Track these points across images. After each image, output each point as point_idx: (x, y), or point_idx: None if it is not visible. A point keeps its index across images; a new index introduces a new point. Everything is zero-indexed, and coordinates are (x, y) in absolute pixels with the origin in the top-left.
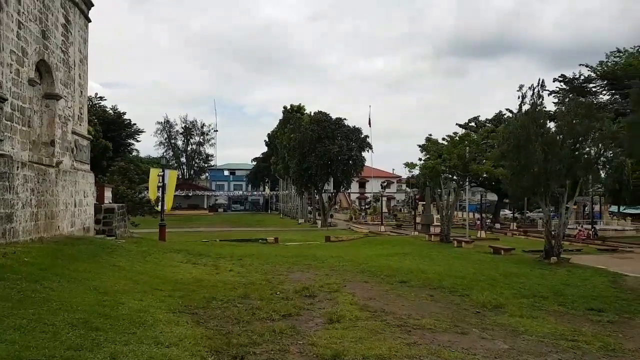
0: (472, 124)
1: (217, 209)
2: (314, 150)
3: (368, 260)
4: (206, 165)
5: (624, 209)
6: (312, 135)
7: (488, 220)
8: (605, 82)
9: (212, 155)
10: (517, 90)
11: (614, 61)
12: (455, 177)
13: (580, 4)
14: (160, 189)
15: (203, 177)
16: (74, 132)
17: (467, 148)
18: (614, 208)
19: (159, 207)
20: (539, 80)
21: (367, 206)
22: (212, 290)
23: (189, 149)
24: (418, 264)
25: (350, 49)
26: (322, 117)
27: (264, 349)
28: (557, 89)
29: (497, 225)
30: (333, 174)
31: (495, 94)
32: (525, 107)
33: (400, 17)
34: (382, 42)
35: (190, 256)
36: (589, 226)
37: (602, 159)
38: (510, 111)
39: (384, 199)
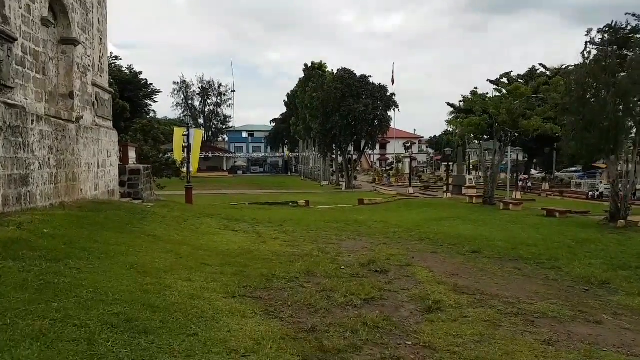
0: (504, 79)
1: (236, 171)
2: (338, 110)
3: (419, 226)
4: (224, 127)
5: None
6: (336, 93)
7: (528, 182)
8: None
9: (230, 117)
10: (585, 35)
11: None
12: (502, 134)
13: None
14: (186, 149)
15: (221, 139)
16: (94, 84)
17: (517, 102)
18: None
19: (185, 168)
20: (609, 25)
21: (388, 167)
22: (268, 265)
23: (206, 110)
24: (476, 230)
25: (367, 5)
26: (346, 75)
27: (371, 356)
28: (600, 39)
29: (530, 185)
30: (358, 134)
31: (516, 50)
32: (592, 55)
33: None
34: None
35: (226, 221)
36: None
37: None
38: (544, 66)
39: (408, 159)
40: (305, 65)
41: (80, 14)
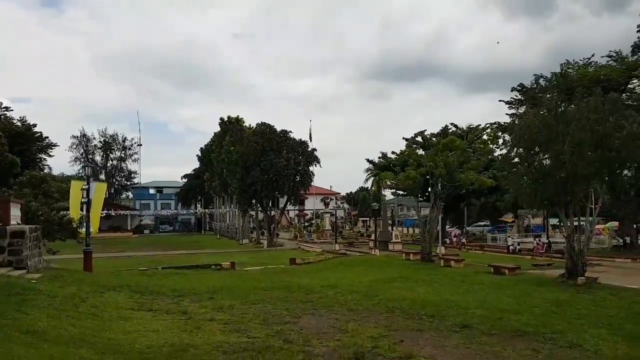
0: (419, 138)
1: (142, 230)
2: (258, 164)
3: (374, 290)
4: (129, 183)
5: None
6: (257, 147)
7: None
8: (556, 92)
9: (135, 172)
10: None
11: (568, 72)
12: (439, 188)
13: (492, 32)
14: (85, 205)
15: (125, 196)
16: None
17: (453, 154)
18: (553, 220)
19: (84, 228)
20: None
21: (307, 224)
22: None
23: (108, 164)
24: (438, 293)
25: (277, 70)
26: (266, 129)
27: None
28: (512, 99)
29: (447, 241)
30: (280, 189)
31: (419, 115)
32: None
33: (324, 41)
34: (308, 64)
35: (139, 296)
36: (539, 239)
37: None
38: (455, 125)
39: (328, 215)
40: (222, 119)
41: None
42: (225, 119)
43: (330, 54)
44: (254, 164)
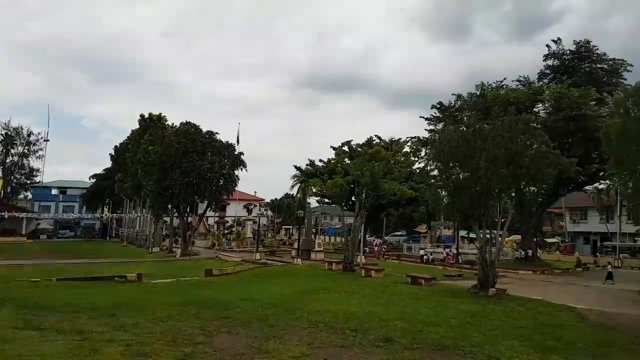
0: (346, 147)
1: (38, 235)
2: (179, 166)
3: (296, 303)
4: (29, 181)
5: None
6: (179, 148)
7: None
8: (475, 111)
9: (38, 170)
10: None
11: (482, 93)
12: (363, 197)
13: (415, 53)
14: None
15: (23, 196)
16: None
17: (378, 164)
18: (462, 232)
19: None
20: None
21: (227, 231)
22: None
23: (7, 160)
24: (361, 306)
25: (206, 70)
26: (190, 129)
27: None
28: (432, 115)
29: (367, 250)
30: (201, 194)
31: (343, 125)
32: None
33: (258, 45)
34: (239, 67)
35: (27, 312)
36: (449, 250)
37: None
38: (379, 137)
39: (250, 222)
40: (142, 116)
41: None
42: (147, 116)
43: (262, 59)
44: (174, 166)
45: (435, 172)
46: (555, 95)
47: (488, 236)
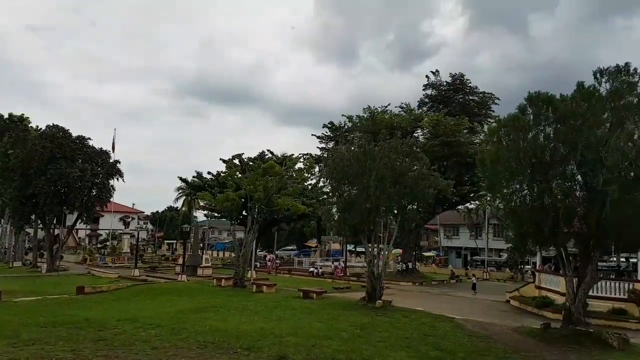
0: (236, 160)
1: None
2: (44, 173)
3: (183, 322)
4: None
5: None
6: (44, 153)
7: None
8: (364, 132)
9: None
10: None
11: (371, 116)
12: (256, 211)
13: (305, 71)
14: None
15: None
16: None
17: (272, 179)
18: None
19: None
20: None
21: (101, 245)
22: None
23: None
24: (252, 322)
25: (79, 70)
26: (58, 133)
27: None
28: (323, 134)
29: (257, 264)
30: (70, 204)
31: (233, 138)
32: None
33: (138, 48)
34: (117, 69)
35: None
36: (338, 263)
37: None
38: (271, 152)
39: (128, 236)
40: (1, 116)
41: None
42: (6, 116)
43: (143, 62)
44: (38, 172)
45: (328, 189)
46: (433, 123)
47: (376, 251)
